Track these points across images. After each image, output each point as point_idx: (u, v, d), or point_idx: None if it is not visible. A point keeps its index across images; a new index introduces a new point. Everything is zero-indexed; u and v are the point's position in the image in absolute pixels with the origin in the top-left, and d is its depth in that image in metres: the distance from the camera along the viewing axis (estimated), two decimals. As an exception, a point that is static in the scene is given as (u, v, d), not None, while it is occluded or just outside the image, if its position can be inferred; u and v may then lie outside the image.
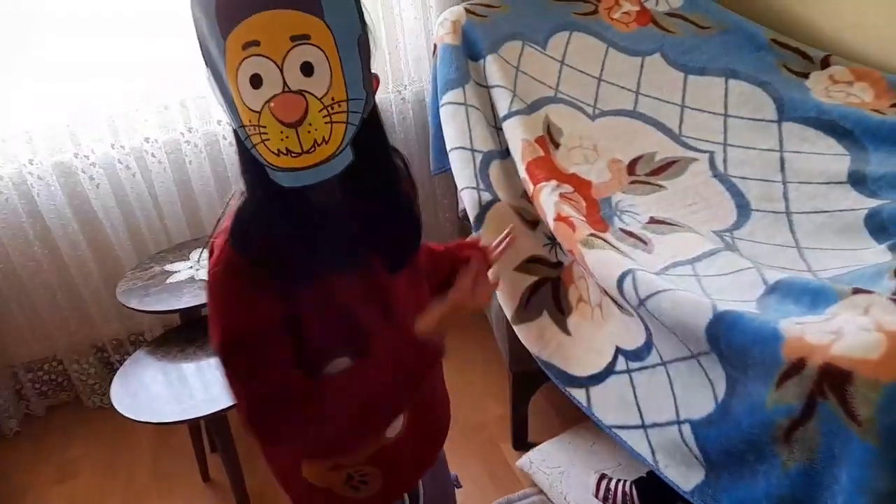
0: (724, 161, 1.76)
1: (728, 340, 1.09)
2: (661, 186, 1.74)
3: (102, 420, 2.32)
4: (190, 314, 1.98)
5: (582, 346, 1.59)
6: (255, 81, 0.70)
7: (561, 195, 1.66)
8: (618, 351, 1.49)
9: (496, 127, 1.96)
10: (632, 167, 1.82)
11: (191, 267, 2.03)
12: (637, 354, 1.43)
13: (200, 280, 1.94)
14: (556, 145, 1.88)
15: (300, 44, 0.69)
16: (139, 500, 1.97)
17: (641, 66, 2.04)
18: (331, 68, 0.71)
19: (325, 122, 0.72)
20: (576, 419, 1.85)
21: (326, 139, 0.72)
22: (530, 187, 1.72)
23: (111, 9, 2.02)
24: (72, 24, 2.00)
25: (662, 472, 1.30)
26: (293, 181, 0.74)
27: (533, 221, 1.77)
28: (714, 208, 1.65)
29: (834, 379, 0.92)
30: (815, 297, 1.11)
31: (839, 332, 0.96)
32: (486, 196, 1.78)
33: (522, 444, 1.90)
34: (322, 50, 0.71)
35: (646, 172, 1.80)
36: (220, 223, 0.83)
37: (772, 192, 1.64)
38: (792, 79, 1.84)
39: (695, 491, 1.23)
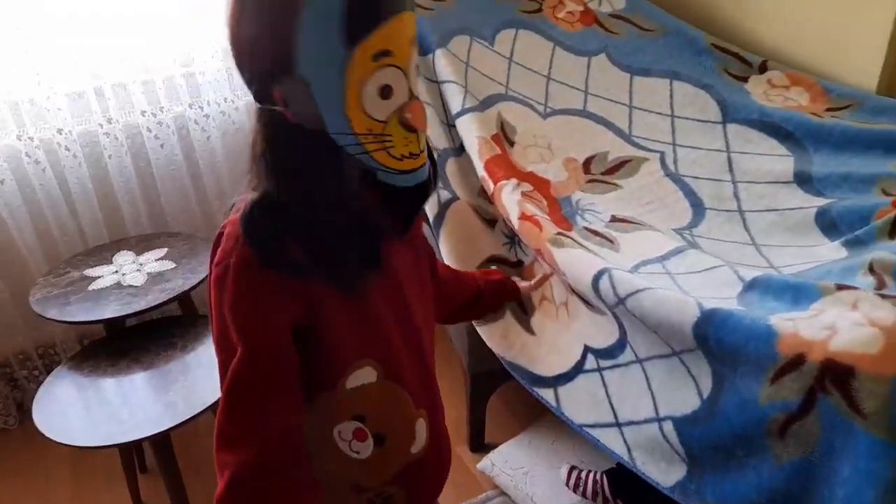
0: (675, 161, 1.81)
1: (718, 338, 1.10)
2: (617, 185, 1.76)
3: (7, 444, 2.07)
4: (117, 325, 1.80)
5: (547, 345, 1.57)
6: (386, 92, 0.68)
7: (523, 194, 1.64)
8: (587, 349, 1.48)
9: (448, 124, 1.92)
10: (587, 166, 1.83)
11: (115, 272, 1.85)
12: (609, 353, 1.43)
13: (129, 286, 1.77)
14: (511, 143, 1.86)
15: (413, 46, 0.68)
16: (59, 532, 1.78)
17: (588, 65, 2.06)
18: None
19: None
20: (532, 419, 1.84)
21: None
22: (490, 185, 1.69)
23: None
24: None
25: (640, 469, 1.30)
26: (411, 181, 0.73)
27: (491, 220, 1.74)
28: (670, 207, 1.69)
29: (836, 374, 0.94)
30: (798, 293, 1.15)
31: (833, 328, 0.99)
32: (445, 194, 1.73)
33: (480, 446, 1.88)
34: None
35: (601, 171, 1.81)
36: (230, 216, 0.77)
37: (723, 191, 1.69)
38: (732, 82, 1.92)
39: (676, 487, 1.23)
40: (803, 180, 1.62)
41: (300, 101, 0.69)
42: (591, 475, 1.53)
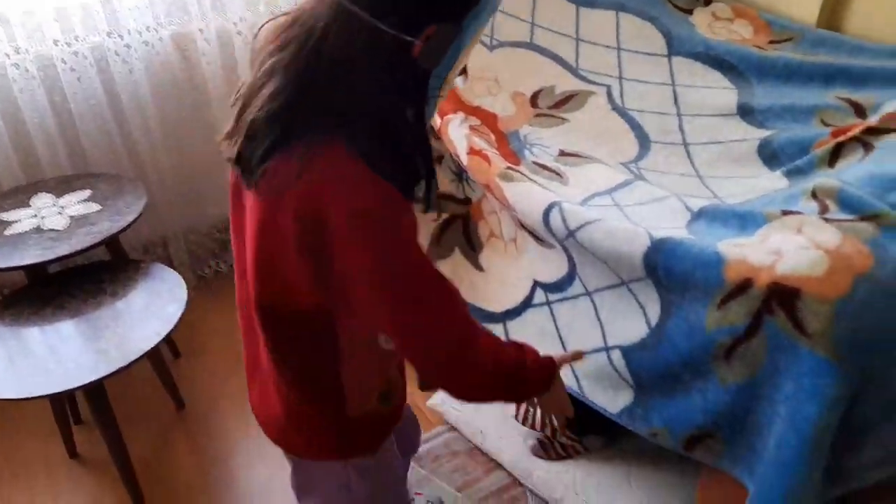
0: (621, 95, 1.79)
1: (667, 267, 1.11)
2: (564, 119, 1.73)
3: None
4: (39, 271, 1.69)
5: (496, 281, 1.56)
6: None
7: (471, 128, 1.59)
8: (535, 284, 1.48)
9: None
10: (534, 100, 1.79)
11: (34, 216, 1.72)
12: (558, 286, 1.43)
13: (49, 230, 1.65)
14: (456, 76, 1.80)
15: None
16: (-12, 488, 1.69)
17: (534, -3, 2.00)
18: None
19: None
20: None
21: None
22: (436, 120, 1.63)
23: None
24: None
25: (588, 398, 1.32)
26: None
27: (437, 157, 1.69)
28: (617, 141, 1.67)
29: (782, 297, 0.96)
30: (744, 220, 1.16)
31: (779, 252, 1.01)
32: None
33: (430, 385, 1.87)
34: None
35: (548, 105, 1.78)
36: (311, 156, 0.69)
37: (668, 124, 1.69)
38: (677, 14, 1.90)
39: (623, 412, 1.26)
40: (746, 112, 1.63)
41: (441, 44, 0.70)
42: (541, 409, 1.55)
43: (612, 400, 1.28)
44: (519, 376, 0.85)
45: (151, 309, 1.52)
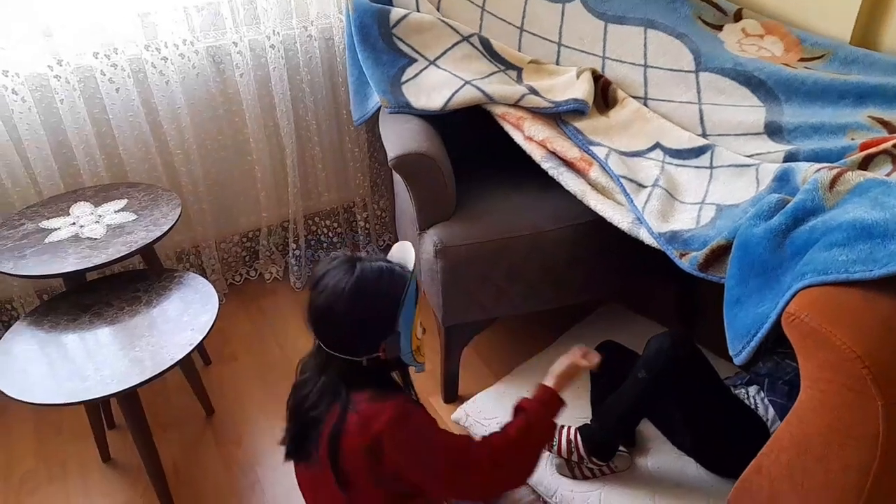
0: (648, 114, 1.79)
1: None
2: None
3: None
4: (77, 279, 1.74)
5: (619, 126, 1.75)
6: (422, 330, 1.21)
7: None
8: (657, 145, 1.67)
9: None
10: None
11: (73, 224, 1.78)
12: (679, 153, 1.64)
13: (87, 239, 1.71)
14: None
15: None
16: (25, 486, 1.74)
17: (562, 13, 2.01)
18: None
19: None
20: (506, 370, 1.85)
21: None
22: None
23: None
24: None
25: (645, 217, 1.44)
26: (420, 368, 1.20)
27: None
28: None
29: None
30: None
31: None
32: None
33: (454, 397, 1.89)
34: None
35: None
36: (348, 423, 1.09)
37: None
38: (707, 30, 1.89)
39: (665, 235, 1.39)
40: (773, 131, 1.62)
41: (393, 342, 1.08)
42: (565, 433, 1.55)
43: (660, 224, 1.41)
44: (533, 438, 1.14)
45: (185, 318, 1.56)
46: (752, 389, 1.57)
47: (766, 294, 1.16)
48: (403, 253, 1.18)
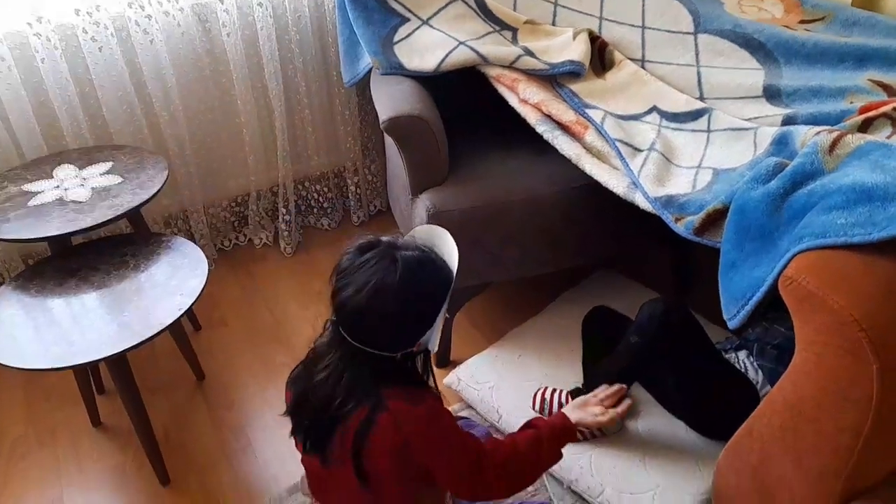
0: (645, 77, 1.76)
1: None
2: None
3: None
4: (62, 242, 1.71)
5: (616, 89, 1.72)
6: None
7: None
8: (654, 109, 1.64)
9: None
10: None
11: (56, 187, 1.73)
12: (676, 117, 1.61)
13: (72, 202, 1.67)
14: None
15: None
16: (16, 451, 1.73)
17: (559, -28, 1.96)
18: None
19: None
20: (497, 335, 1.85)
21: None
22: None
23: None
24: None
25: (639, 180, 1.42)
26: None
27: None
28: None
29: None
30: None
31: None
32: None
33: (446, 362, 1.89)
34: None
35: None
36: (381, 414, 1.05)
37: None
38: (706, -9, 1.85)
39: (661, 200, 1.37)
40: (772, 94, 1.60)
41: (430, 336, 1.07)
42: (557, 396, 1.56)
43: (656, 189, 1.39)
44: (542, 456, 1.18)
45: (173, 282, 1.54)
46: (742, 354, 1.58)
47: (763, 258, 1.15)
48: (432, 237, 1.12)
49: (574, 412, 1.33)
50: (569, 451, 1.51)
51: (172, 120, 2.09)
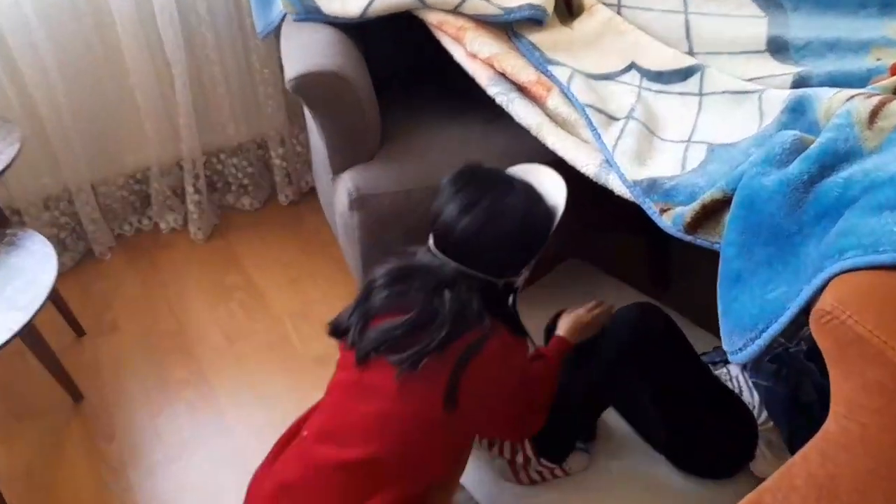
0: (622, 25, 1.44)
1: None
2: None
3: None
4: None
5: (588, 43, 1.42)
6: None
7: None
8: (633, 65, 1.35)
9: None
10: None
11: None
12: (660, 77, 1.31)
13: None
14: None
15: None
16: None
17: None
18: None
19: None
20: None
21: None
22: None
23: None
24: None
25: (614, 159, 1.14)
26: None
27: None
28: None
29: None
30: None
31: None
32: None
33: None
34: None
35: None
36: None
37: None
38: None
39: (640, 184, 1.08)
40: (778, 48, 1.30)
41: (529, 267, 1.11)
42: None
43: (635, 170, 1.12)
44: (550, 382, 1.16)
45: (7, 293, 1.18)
46: (735, 369, 1.32)
47: (781, 272, 0.85)
48: (527, 175, 1.14)
49: (570, 332, 1.22)
50: (524, 494, 1.24)
51: (44, 81, 1.70)
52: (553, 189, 1.11)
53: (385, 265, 1.07)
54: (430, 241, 1.06)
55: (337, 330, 1.08)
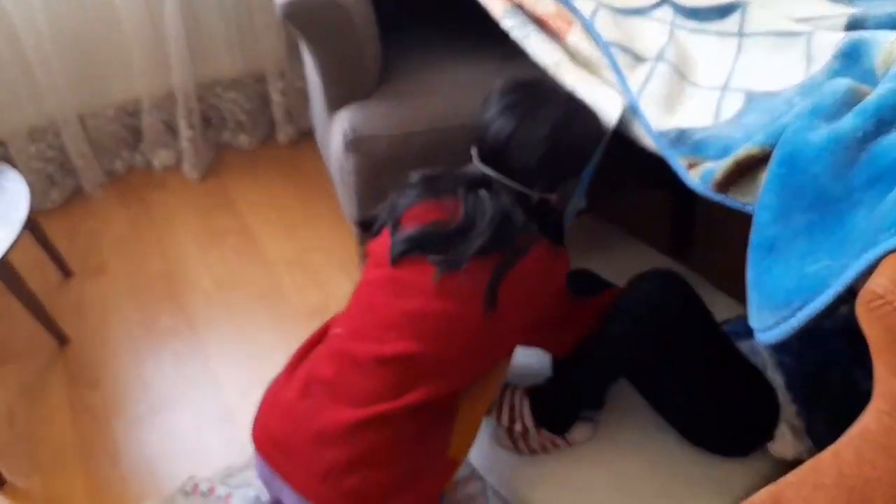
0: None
1: None
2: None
3: None
4: None
5: None
6: None
7: None
8: (666, 0, 1.19)
9: None
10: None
11: None
12: (698, 13, 1.15)
13: None
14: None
15: None
16: None
17: None
18: None
19: None
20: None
21: None
22: None
23: None
24: None
25: (641, 107, 1.04)
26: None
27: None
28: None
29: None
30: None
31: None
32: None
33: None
34: None
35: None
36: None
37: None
38: None
39: (668, 135, 0.99)
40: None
41: (570, 191, 1.09)
42: (508, 396, 1.18)
43: (662, 118, 1.03)
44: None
45: (-28, 234, 1.10)
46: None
47: (822, 243, 0.74)
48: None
49: None
50: (521, 463, 1.17)
51: (27, 9, 1.58)
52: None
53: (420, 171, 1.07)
54: (473, 150, 1.06)
55: (368, 225, 1.07)
